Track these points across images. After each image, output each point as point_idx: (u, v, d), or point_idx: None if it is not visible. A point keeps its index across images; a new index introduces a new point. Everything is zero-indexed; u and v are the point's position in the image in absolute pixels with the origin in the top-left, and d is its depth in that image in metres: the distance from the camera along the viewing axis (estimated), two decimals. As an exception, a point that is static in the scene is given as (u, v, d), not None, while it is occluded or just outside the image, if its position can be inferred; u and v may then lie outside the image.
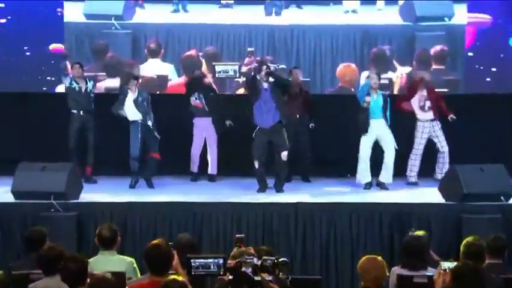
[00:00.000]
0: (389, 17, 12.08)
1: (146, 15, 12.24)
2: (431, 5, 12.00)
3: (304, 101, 10.52)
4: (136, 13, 12.15)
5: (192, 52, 12.01)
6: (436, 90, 10.72)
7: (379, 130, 9.84)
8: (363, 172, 9.92)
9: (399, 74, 11.84)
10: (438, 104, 10.29)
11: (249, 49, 11.87)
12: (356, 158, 10.04)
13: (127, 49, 12.17)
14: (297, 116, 10.41)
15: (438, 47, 11.88)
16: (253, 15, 12.19)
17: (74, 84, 10.27)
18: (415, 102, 10.31)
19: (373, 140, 9.89)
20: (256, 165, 9.61)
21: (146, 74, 11.84)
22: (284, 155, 9.57)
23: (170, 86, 11.83)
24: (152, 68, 11.82)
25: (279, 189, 9.67)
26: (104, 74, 12.03)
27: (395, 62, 11.82)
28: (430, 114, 10.24)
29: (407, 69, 11.89)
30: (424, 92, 10.33)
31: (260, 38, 12.03)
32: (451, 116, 10.15)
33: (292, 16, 12.16)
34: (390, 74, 11.84)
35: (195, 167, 10.71)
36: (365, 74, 11.33)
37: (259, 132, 9.63)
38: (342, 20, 12.11)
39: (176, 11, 12.08)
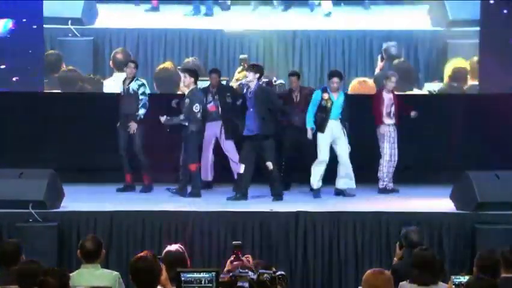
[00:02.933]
0: (415, 20, 11.36)
1: (112, 19, 11.02)
2: (467, 5, 11.24)
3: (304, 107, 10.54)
4: (98, 16, 10.91)
5: (168, 64, 11.12)
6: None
7: (335, 132, 9.91)
8: (319, 176, 9.91)
9: (426, 92, 11.38)
10: (399, 107, 10.25)
11: (241, 56, 11.26)
12: (360, 164, 10.04)
13: (88, 60, 10.91)
14: (299, 123, 10.44)
15: (476, 58, 11.31)
16: (246, 18, 11.54)
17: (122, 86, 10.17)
18: (383, 108, 10.25)
19: (330, 141, 9.94)
20: (241, 169, 9.62)
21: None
22: (268, 165, 9.57)
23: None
24: (119, 83, 10.49)
25: (277, 198, 9.67)
26: (60, 91, 11.02)
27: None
28: (393, 120, 10.27)
29: (437, 85, 11.30)
30: (391, 96, 10.28)
31: (254, 45, 11.39)
32: (414, 113, 10.15)
33: (294, 19, 11.53)
34: (415, 91, 11.24)
35: (209, 175, 10.61)
36: None
37: (245, 139, 9.67)
38: (356, 23, 11.44)
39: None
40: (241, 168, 9.67)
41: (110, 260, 8.36)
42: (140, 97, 10.13)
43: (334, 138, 9.94)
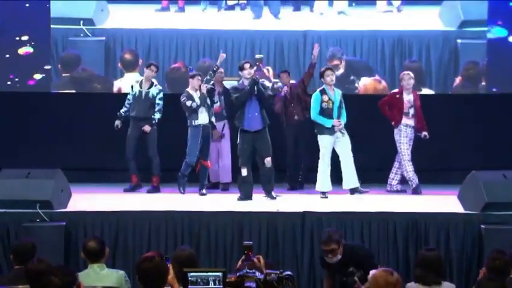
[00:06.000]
0: (427, 20, 11.35)
1: (124, 19, 11.06)
2: (479, 6, 11.17)
3: (303, 98, 10.53)
4: (110, 16, 10.93)
5: (180, 65, 11.12)
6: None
7: (337, 132, 9.82)
8: (328, 178, 9.83)
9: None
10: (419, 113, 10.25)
11: (257, 56, 11.17)
12: (367, 165, 9.98)
13: (99, 60, 10.96)
14: (298, 120, 10.53)
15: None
16: (255, 19, 11.59)
17: (137, 88, 10.24)
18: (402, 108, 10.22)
19: (333, 142, 9.83)
20: (244, 172, 9.65)
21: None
22: (268, 161, 9.63)
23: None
24: (129, 84, 10.45)
25: (270, 196, 9.69)
26: (74, 91, 11.09)
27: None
28: (412, 122, 10.23)
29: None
30: (411, 97, 10.25)
31: (265, 46, 11.42)
32: (424, 134, 10.20)
33: (305, 20, 11.53)
34: (425, 91, 11.25)
35: (215, 176, 10.60)
36: None
37: (244, 135, 9.69)
38: (367, 24, 11.41)
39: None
40: (244, 171, 9.68)
41: (117, 259, 8.34)
42: (158, 102, 10.24)
43: (336, 139, 9.85)
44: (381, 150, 10.63)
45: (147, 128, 10.16)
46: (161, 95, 10.24)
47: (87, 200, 9.50)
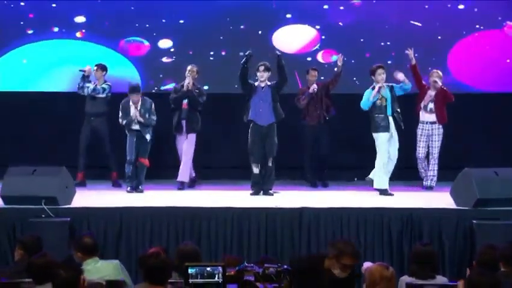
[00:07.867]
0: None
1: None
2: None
3: (324, 101, 10.63)
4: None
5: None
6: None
7: (391, 128, 9.79)
8: (384, 176, 9.82)
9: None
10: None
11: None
12: (364, 162, 10.05)
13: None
14: (318, 121, 10.60)
15: None
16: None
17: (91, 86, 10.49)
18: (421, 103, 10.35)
19: (389, 139, 9.79)
20: (256, 170, 9.79)
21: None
22: (270, 161, 9.82)
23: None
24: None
25: (267, 193, 9.81)
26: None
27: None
28: (432, 117, 10.32)
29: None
30: (432, 93, 10.36)
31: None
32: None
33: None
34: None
35: (186, 176, 10.45)
36: None
37: (255, 129, 9.80)
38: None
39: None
40: (256, 170, 9.84)
41: (120, 254, 8.40)
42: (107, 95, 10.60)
43: (390, 137, 9.78)
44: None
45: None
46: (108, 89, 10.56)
47: (91, 196, 9.58)
